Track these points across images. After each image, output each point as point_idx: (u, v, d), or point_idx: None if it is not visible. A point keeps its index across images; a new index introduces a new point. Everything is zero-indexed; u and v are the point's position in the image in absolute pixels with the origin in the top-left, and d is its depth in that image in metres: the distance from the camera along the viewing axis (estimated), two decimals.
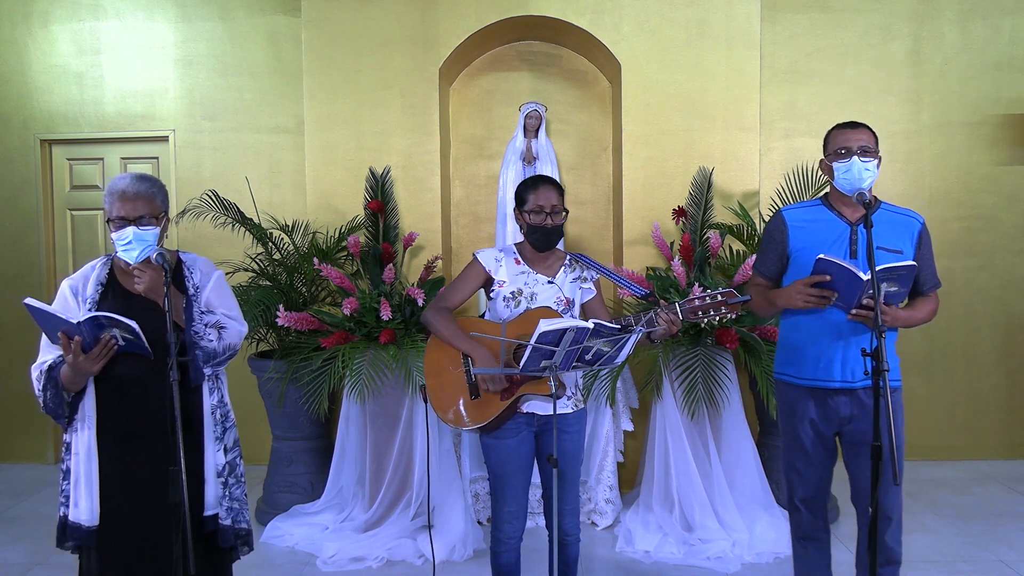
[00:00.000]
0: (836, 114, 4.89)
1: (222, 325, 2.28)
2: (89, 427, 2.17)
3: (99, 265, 2.29)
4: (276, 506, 4.15)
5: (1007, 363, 5.20)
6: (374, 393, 3.89)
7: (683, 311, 2.42)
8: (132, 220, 2.15)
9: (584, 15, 4.45)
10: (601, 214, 4.95)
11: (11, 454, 5.36)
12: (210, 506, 2.23)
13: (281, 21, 5.12)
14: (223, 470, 2.27)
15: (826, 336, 2.48)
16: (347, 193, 4.53)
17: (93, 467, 2.16)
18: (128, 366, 2.15)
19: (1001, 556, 3.62)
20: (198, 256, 2.39)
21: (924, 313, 2.55)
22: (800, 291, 2.41)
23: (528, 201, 2.58)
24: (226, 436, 2.30)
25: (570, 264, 2.68)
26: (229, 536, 2.26)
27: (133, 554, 2.17)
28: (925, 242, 2.53)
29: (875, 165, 2.45)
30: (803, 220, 2.58)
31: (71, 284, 2.25)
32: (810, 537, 2.66)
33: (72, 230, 5.41)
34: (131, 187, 2.18)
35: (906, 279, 2.33)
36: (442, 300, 2.61)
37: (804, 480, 2.61)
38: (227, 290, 2.38)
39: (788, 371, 2.60)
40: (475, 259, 2.64)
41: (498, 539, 2.60)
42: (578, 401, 2.64)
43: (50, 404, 2.17)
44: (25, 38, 5.24)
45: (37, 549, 3.84)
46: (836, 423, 2.54)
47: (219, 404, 2.29)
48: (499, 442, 2.54)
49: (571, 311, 2.61)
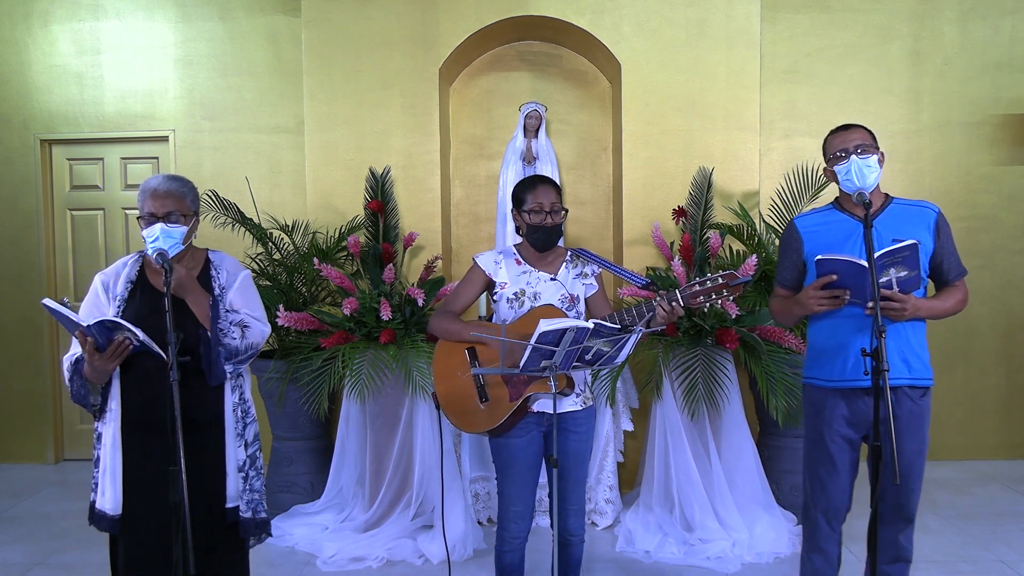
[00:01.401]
0: (836, 114, 4.91)
1: (246, 324, 2.31)
2: (114, 419, 2.24)
3: (131, 262, 2.34)
4: (276, 506, 4.15)
5: (1007, 363, 5.20)
6: (374, 393, 3.89)
7: (684, 297, 2.40)
8: (161, 217, 2.21)
9: (584, 15, 4.45)
10: (601, 214, 4.95)
11: (11, 454, 5.36)
12: (231, 499, 2.30)
13: (281, 21, 5.12)
14: (244, 464, 2.32)
15: (851, 336, 2.44)
16: (347, 193, 4.53)
17: (117, 458, 2.23)
18: (152, 360, 2.18)
19: (1001, 556, 3.62)
20: (226, 255, 2.43)
21: (952, 302, 2.49)
22: (812, 296, 2.38)
23: (527, 201, 2.58)
24: (247, 432, 2.34)
25: (571, 260, 2.66)
26: (250, 527, 2.33)
27: (153, 544, 2.22)
28: (944, 230, 2.49)
29: (876, 160, 2.44)
30: (815, 225, 2.57)
31: (103, 279, 2.30)
32: (822, 550, 2.59)
33: (72, 230, 5.41)
34: (162, 185, 2.25)
35: (911, 260, 2.27)
36: (446, 306, 2.63)
37: (825, 491, 2.53)
38: (253, 291, 2.42)
39: (816, 374, 2.55)
40: (474, 263, 2.64)
41: (503, 538, 2.59)
42: (587, 398, 2.63)
43: (76, 394, 2.26)
44: (25, 38, 5.24)
45: (37, 549, 3.84)
46: (865, 426, 2.47)
47: (240, 401, 2.33)
48: (507, 441, 2.54)
49: (575, 307, 2.60)
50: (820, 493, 2.55)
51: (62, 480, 5.03)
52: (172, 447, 1.95)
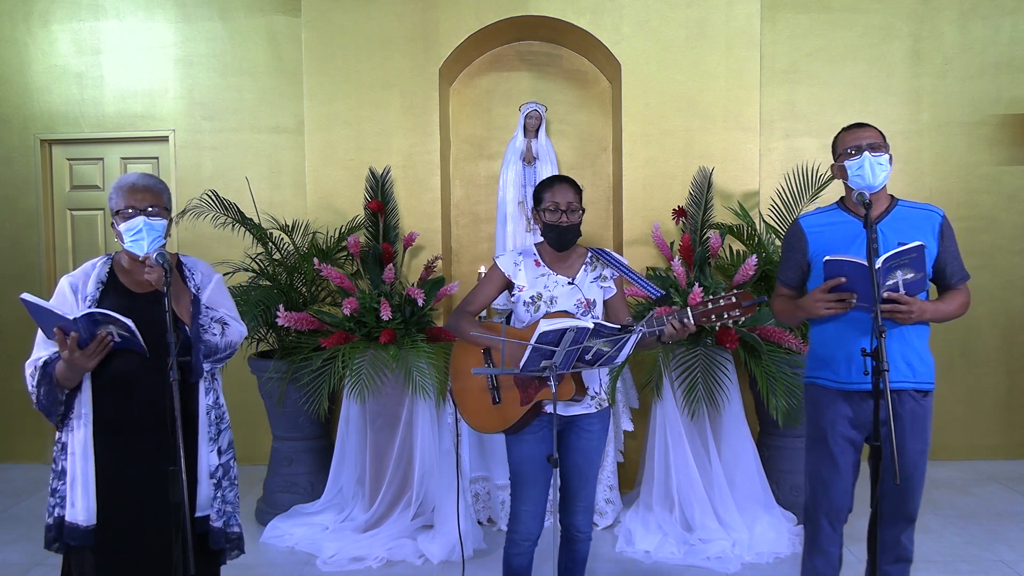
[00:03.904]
0: (836, 114, 4.92)
1: (225, 322, 2.30)
2: (85, 424, 2.16)
3: (99, 264, 2.30)
4: (276, 506, 4.15)
5: (1007, 363, 5.20)
6: (374, 393, 3.89)
7: (695, 315, 2.34)
8: (141, 210, 2.18)
9: (584, 15, 4.45)
10: (601, 214, 4.95)
11: (11, 454, 5.36)
12: (202, 507, 2.22)
13: (281, 21, 5.12)
14: (216, 471, 2.26)
15: (855, 338, 2.43)
16: (347, 193, 4.53)
17: (89, 465, 2.14)
18: (123, 362, 2.16)
19: (1001, 556, 3.62)
20: (198, 260, 2.43)
21: (954, 306, 2.48)
22: (819, 299, 2.37)
23: (544, 199, 2.59)
24: (220, 438, 2.29)
25: (591, 262, 2.65)
26: (220, 539, 2.26)
27: (129, 553, 2.17)
28: (948, 234, 2.49)
29: (887, 160, 2.45)
30: (820, 225, 2.57)
31: (71, 281, 2.25)
32: (824, 551, 2.59)
33: (72, 230, 5.41)
34: (140, 180, 2.23)
35: (918, 263, 2.26)
36: (465, 305, 2.65)
37: (828, 492, 2.53)
38: (226, 293, 2.41)
39: (822, 374, 2.54)
40: (495, 264, 2.66)
41: (512, 540, 2.58)
42: (601, 400, 2.63)
43: (43, 401, 2.17)
44: (25, 38, 5.24)
45: (37, 549, 3.82)
46: (868, 427, 2.47)
47: (214, 405, 2.29)
48: (521, 442, 2.55)
49: (592, 312, 2.58)
50: (823, 494, 2.54)
51: None
52: (172, 447, 1.93)
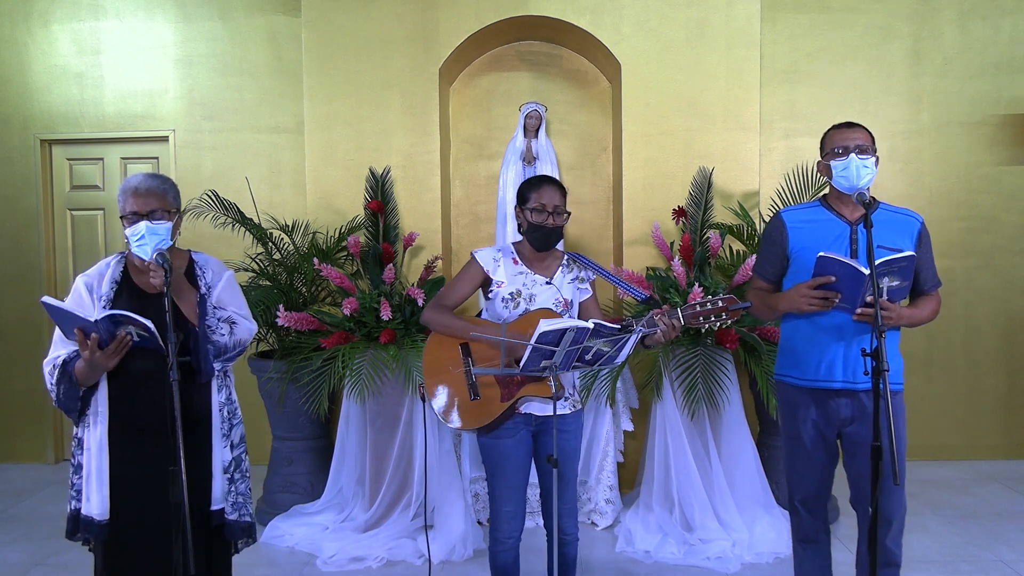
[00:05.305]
0: (836, 114, 4.88)
1: (233, 321, 2.32)
2: (102, 422, 2.21)
3: (113, 263, 2.32)
4: (276, 506, 4.15)
5: (1007, 363, 5.20)
6: (374, 393, 3.89)
7: (685, 316, 2.42)
8: (144, 215, 2.19)
9: (584, 15, 4.45)
10: (601, 214, 4.95)
11: (11, 454, 5.36)
12: (216, 501, 2.29)
13: (281, 21, 5.12)
14: (229, 466, 2.31)
15: (828, 337, 2.47)
16: (347, 193, 4.53)
17: (104, 462, 2.20)
18: (141, 361, 2.18)
19: (1001, 556, 3.62)
20: (210, 256, 2.43)
21: (927, 312, 2.55)
22: (804, 294, 2.38)
23: (530, 199, 2.58)
24: (233, 433, 2.34)
25: (568, 264, 2.67)
26: (235, 530, 2.32)
27: (143, 548, 2.20)
28: (925, 241, 2.53)
29: (873, 163, 2.46)
30: (802, 221, 2.57)
31: (86, 281, 2.27)
32: (810, 539, 2.65)
33: (72, 230, 5.41)
34: (143, 184, 2.23)
35: (907, 271, 2.30)
36: (441, 299, 2.61)
37: (804, 481, 2.60)
38: (237, 290, 2.43)
39: (790, 372, 2.59)
40: (473, 258, 2.63)
41: (496, 539, 2.60)
42: (576, 402, 2.65)
43: (63, 399, 2.21)
44: (25, 38, 5.24)
45: (37, 549, 3.84)
46: (837, 424, 2.53)
47: (227, 401, 2.33)
48: (497, 442, 2.54)
49: (570, 312, 2.61)
50: (797, 482, 2.62)
51: (62, 480, 5.01)
52: (172, 447, 1.94)
